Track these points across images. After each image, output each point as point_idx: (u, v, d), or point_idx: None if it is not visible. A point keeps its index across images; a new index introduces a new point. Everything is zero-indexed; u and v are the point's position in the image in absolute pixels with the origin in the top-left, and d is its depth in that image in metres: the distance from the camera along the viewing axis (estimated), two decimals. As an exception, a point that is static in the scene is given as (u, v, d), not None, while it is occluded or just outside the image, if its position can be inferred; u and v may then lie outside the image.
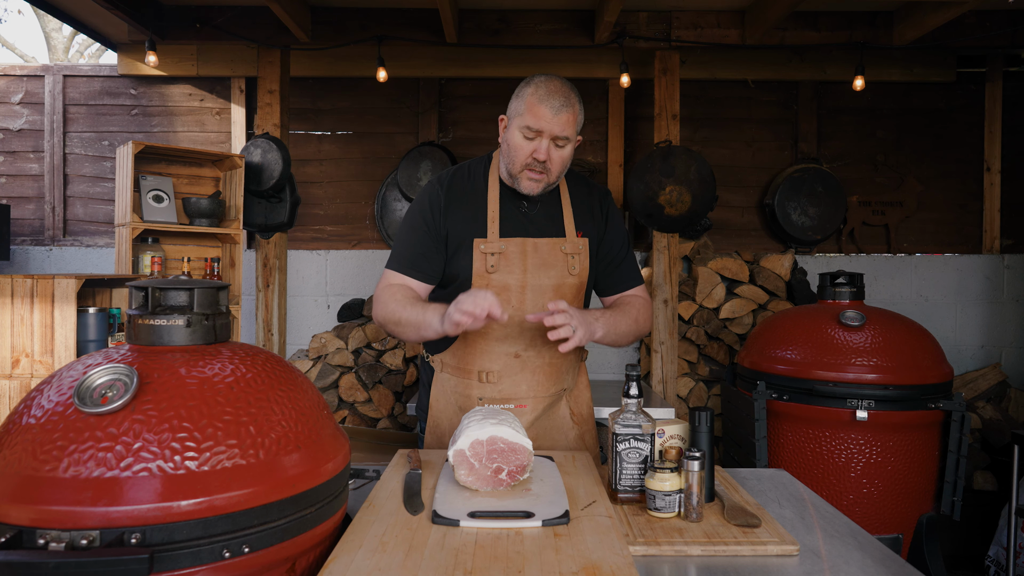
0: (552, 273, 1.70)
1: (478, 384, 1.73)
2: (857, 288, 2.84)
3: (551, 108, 1.59)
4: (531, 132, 1.61)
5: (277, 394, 1.00)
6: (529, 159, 1.63)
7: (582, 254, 1.74)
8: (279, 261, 4.07)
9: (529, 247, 1.70)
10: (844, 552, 1.18)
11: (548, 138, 1.61)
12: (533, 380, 1.73)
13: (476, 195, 1.74)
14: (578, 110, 1.64)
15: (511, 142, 1.66)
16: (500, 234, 1.70)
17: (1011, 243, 4.40)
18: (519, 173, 1.66)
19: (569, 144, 1.65)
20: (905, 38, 3.79)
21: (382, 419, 4.04)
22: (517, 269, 1.69)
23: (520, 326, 1.70)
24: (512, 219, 1.72)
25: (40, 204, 4.38)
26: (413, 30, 3.88)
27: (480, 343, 1.72)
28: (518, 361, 1.72)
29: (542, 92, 1.60)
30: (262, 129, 3.94)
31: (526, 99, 1.62)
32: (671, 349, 3.96)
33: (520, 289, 1.69)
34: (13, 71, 4.37)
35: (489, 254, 1.67)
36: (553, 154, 1.63)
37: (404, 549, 1.04)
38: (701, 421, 1.34)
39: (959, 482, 2.57)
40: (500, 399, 1.73)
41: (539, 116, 1.59)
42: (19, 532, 0.80)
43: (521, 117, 1.63)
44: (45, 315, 2.66)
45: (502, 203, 1.73)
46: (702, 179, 3.85)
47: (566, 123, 1.61)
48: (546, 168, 1.64)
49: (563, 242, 1.72)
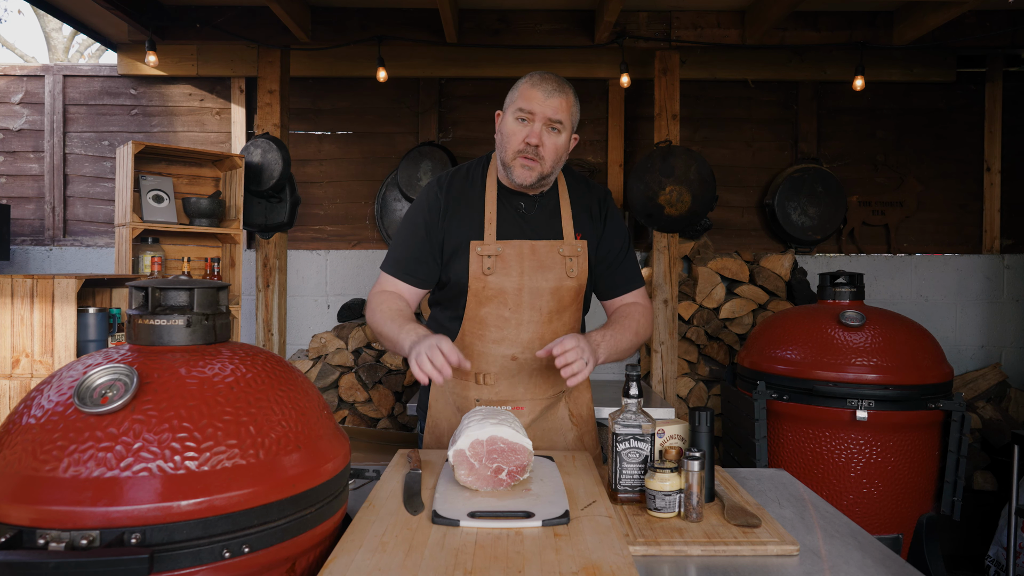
0: (550, 276, 1.69)
1: (475, 386, 1.73)
2: (857, 288, 2.84)
3: (544, 91, 1.61)
4: (524, 114, 1.62)
5: (277, 394, 1.00)
6: (522, 144, 1.63)
7: (580, 256, 1.72)
8: (279, 261, 4.07)
9: (527, 249, 1.69)
10: (844, 552, 1.18)
11: (541, 121, 1.62)
12: (530, 382, 1.73)
13: (474, 197, 1.73)
14: (572, 100, 1.66)
15: (505, 130, 1.67)
16: (497, 236, 1.69)
17: (1011, 243, 4.40)
18: (512, 161, 1.65)
19: (563, 132, 1.65)
20: (905, 38, 3.79)
21: (382, 419, 4.04)
22: (514, 272, 1.68)
23: (517, 328, 1.69)
24: (510, 221, 1.71)
25: (40, 204, 4.38)
26: (413, 30, 3.88)
27: (477, 346, 1.71)
28: (515, 364, 1.71)
29: (536, 79, 1.64)
30: (262, 129, 3.94)
31: (520, 87, 1.66)
32: (671, 349, 3.96)
33: (517, 292, 1.68)
34: (13, 71, 4.37)
35: (486, 256, 1.67)
36: (546, 139, 1.63)
37: (404, 549, 1.04)
38: (701, 421, 1.34)
39: (959, 482, 2.57)
40: (497, 401, 1.72)
41: (531, 98, 1.62)
42: (19, 532, 0.80)
43: (514, 103, 1.65)
44: (45, 315, 2.66)
45: (500, 205, 1.72)
46: (702, 179, 3.85)
47: (559, 107, 1.62)
48: (539, 155, 1.63)
49: (561, 244, 1.71)
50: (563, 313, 1.72)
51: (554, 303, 1.70)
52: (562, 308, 1.72)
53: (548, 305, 1.70)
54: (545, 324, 1.70)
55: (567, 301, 1.72)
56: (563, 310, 1.72)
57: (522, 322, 1.69)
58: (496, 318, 1.68)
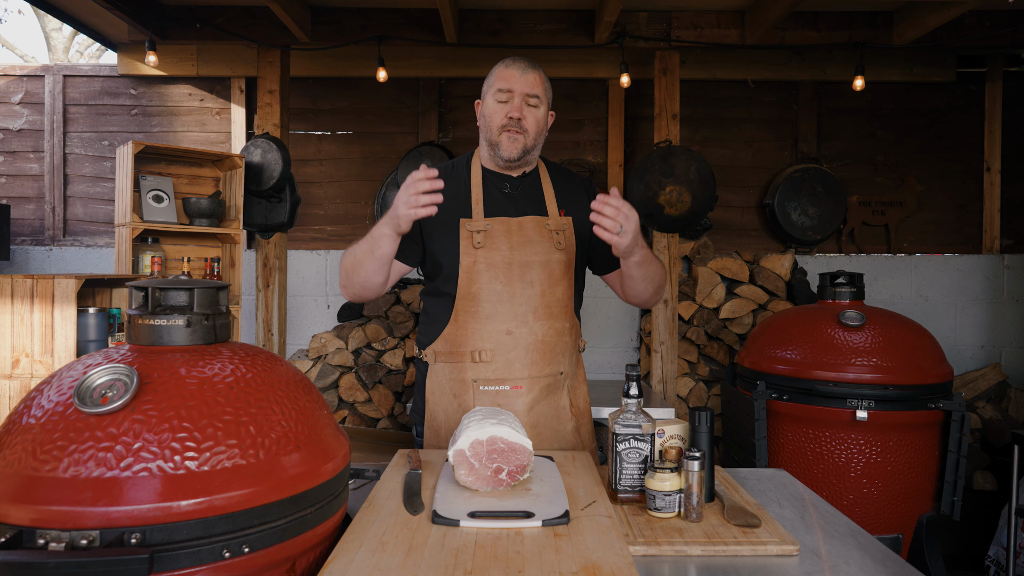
0: (539, 249, 1.75)
1: (472, 365, 1.74)
2: (857, 288, 2.84)
3: (518, 69, 1.74)
4: (503, 94, 1.73)
5: (277, 394, 1.00)
6: (504, 119, 1.73)
7: (567, 231, 1.79)
8: (279, 261, 4.07)
9: (514, 226, 1.75)
10: (844, 552, 1.18)
11: (520, 97, 1.73)
12: (527, 358, 1.74)
13: (459, 181, 1.81)
14: (544, 77, 1.77)
15: (487, 112, 1.78)
16: (485, 214, 1.76)
17: (1011, 243, 4.40)
18: (498, 137, 1.75)
19: (541, 107, 1.76)
20: (905, 38, 3.79)
21: (382, 419, 4.04)
22: (503, 246, 1.73)
23: (510, 303, 1.72)
24: (496, 201, 1.79)
25: (40, 204, 4.38)
26: (413, 30, 3.88)
27: (471, 323, 1.73)
28: (510, 338, 1.73)
29: (508, 61, 1.77)
30: (262, 129, 3.94)
31: (495, 71, 1.78)
32: (671, 349, 3.96)
33: (507, 266, 1.72)
34: (13, 71, 4.37)
35: (475, 232, 1.73)
36: (527, 113, 1.74)
37: (404, 549, 1.04)
38: (701, 421, 1.34)
39: (959, 482, 2.57)
40: (495, 379, 1.73)
41: (508, 77, 1.73)
42: (19, 532, 0.80)
43: (492, 86, 1.76)
44: (45, 315, 2.66)
45: (485, 186, 1.80)
46: (702, 179, 3.85)
47: (534, 82, 1.74)
48: (522, 127, 1.73)
49: (546, 220, 1.78)
50: (555, 287, 1.76)
51: (545, 276, 1.75)
52: (554, 282, 1.76)
53: (539, 278, 1.74)
54: (538, 298, 1.74)
55: (558, 274, 1.76)
56: (555, 284, 1.76)
57: (514, 295, 1.72)
58: (488, 292, 1.72)
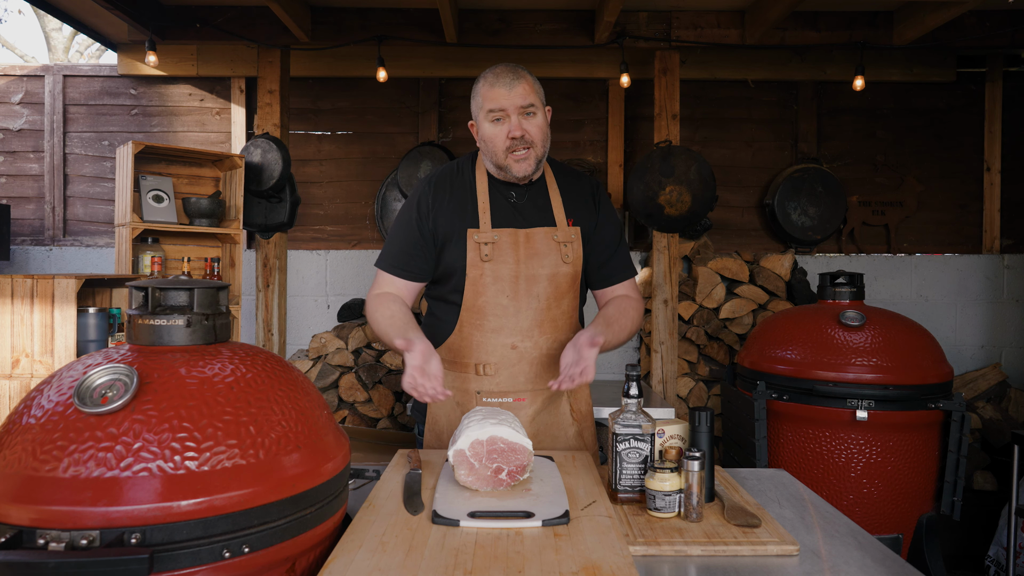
0: (546, 262, 1.72)
1: (475, 377, 1.73)
2: (857, 288, 2.83)
3: (505, 86, 1.65)
4: (496, 115, 1.66)
5: (277, 394, 1.00)
6: (507, 141, 1.66)
7: (575, 243, 1.75)
8: (279, 261, 4.07)
9: (521, 237, 1.71)
10: (844, 552, 1.18)
11: (515, 113, 1.65)
12: (531, 372, 1.73)
13: (465, 189, 1.76)
14: (531, 80, 1.69)
15: (485, 136, 1.70)
16: (492, 225, 1.72)
17: (1011, 243, 4.40)
18: (505, 160, 1.68)
19: (538, 113, 1.69)
20: (905, 38, 3.79)
21: (382, 419, 4.04)
22: (510, 259, 1.70)
23: (516, 317, 1.71)
24: (502, 210, 1.74)
25: (40, 204, 4.38)
26: (413, 30, 3.88)
27: (476, 336, 1.72)
28: (515, 352, 1.72)
29: (491, 78, 1.68)
30: (262, 129, 3.94)
31: (480, 91, 1.69)
32: (671, 349, 3.96)
33: (514, 279, 1.70)
34: (13, 71, 4.37)
35: (483, 244, 1.69)
36: (527, 125, 1.66)
37: (404, 549, 1.04)
38: (701, 421, 1.34)
39: (959, 482, 2.57)
40: (498, 392, 1.72)
41: (496, 97, 1.65)
42: (19, 532, 0.80)
43: (483, 108, 1.68)
44: (45, 315, 2.66)
45: (491, 195, 1.75)
46: (702, 179, 3.85)
47: (524, 93, 1.65)
48: (527, 141, 1.66)
49: (555, 231, 1.74)
50: (561, 300, 1.74)
51: (551, 289, 1.72)
52: (559, 295, 1.73)
53: (545, 292, 1.71)
54: (544, 311, 1.72)
55: (564, 288, 1.74)
56: (561, 297, 1.74)
57: (520, 309, 1.70)
58: (494, 306, 1.70)
